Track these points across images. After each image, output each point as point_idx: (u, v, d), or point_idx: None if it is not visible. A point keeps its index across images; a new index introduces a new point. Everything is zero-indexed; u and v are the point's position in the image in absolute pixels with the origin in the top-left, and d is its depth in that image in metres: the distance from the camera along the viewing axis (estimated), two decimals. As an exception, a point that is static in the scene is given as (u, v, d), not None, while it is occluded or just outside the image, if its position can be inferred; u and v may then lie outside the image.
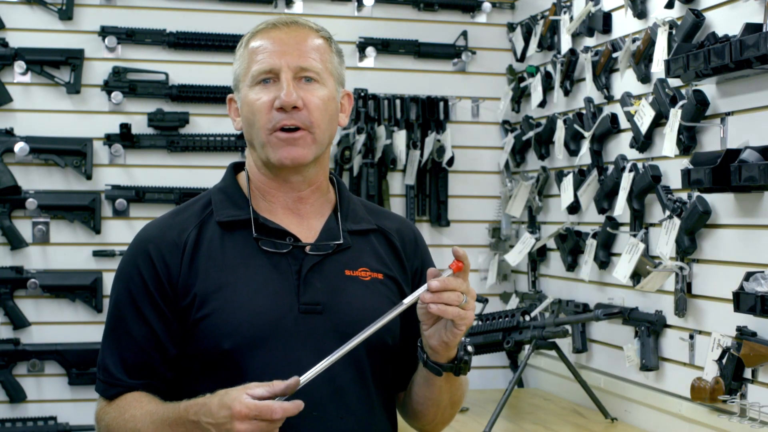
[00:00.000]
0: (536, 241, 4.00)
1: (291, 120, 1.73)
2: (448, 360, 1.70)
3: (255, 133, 1.76)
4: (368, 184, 4.23)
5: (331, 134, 1.80)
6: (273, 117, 1.73)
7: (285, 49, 1.75)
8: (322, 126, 1.76)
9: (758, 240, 2.68)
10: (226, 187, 1.85)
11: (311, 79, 1.76)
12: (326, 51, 1.80)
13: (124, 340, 1.75)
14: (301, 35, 1.78)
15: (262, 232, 1.77)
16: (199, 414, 1.60)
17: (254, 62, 1.77)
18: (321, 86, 1.77)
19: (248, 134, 1.79)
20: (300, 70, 1.75)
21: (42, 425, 3.93)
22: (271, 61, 1.75)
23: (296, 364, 1.69)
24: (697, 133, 2.94)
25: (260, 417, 1.53)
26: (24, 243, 3.94)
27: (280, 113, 1.73)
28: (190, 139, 4.11)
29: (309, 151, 1.75)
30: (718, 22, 2.83)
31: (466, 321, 1.63)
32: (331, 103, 1.78)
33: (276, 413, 1.53)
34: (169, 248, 1.75)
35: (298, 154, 1.74)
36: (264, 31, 1.80)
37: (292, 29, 1.79)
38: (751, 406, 2.61)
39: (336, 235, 1.81)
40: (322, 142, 1.77)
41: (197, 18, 4.17)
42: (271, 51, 1.76)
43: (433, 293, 1.60)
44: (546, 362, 3.99)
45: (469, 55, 4.41)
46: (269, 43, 1.77)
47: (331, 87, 1.79)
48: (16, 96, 3.99)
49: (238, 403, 1.54)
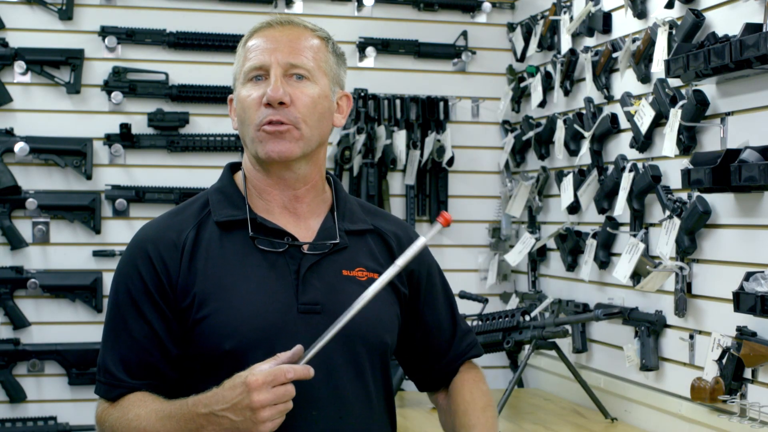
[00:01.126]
0: (536, 241, 4.00)
1: (276, 116, 1.73)
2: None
3: (246, 129, 1.77)
4: (368, 184, 4.23)
5: (321, 133, 1.79)
6: (261, 113, 1.74)
7: (276, 47, 1.76)
8: (309, 123, 1.75)
9: (758, 240, 2.68)
10: (223, 187, 1.85)
11: (302, 76, 1.76)
12: (321, 50, 1.80)
13: (124, 341, 1.74)
14: (294, 33, 1.79)
15: (259, 232, 1.77)
16: (211, 405, 1.59)
17: (247, 60, 1.78)
18: (312, 84, 1.77)
19: (241, 131, 1.80)
20: (290, 66, 1.75)
21: (42, 425, 3.93)
22: (262, 58, 1.75)
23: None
24: (697, 133, 2.94)
25: (275, 382, 1.54)
26: (24, 243, 3.94)
27: (267, 109, 1.73)
28: (190, 139, 4.11)
29: (296, 146, 1.74)
30: (718, 22, 2.83)
31: None
32: (322, 101, 1.78)
33: (288, 373, 1.54)
34: (167, 248, 1.75)
35: (284, 147, 1.73)
36: (260, 30, 1.81)
37: (287, 28, 1.79)
38: (751, 406, 2.61)
39: (333, 235, 1.81)
40: (310, 138, 1.76)
41: (197, 18, 4.17)
42: (263, 48, 1.76)
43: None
44: (546, 362, 3.99)
45: (469, 55, 4.41)
46: (263, 41, 1.78)
47: (323, 85, 1.78)
48: (16, 96, 3.99)
49: (250, 376, 1.55)
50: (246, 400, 1.54)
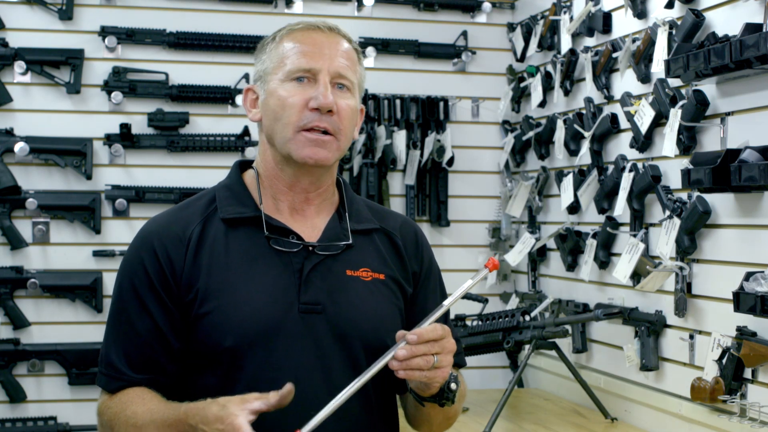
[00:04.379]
0: (536, 241, 4.00)
1: (323, 123, 1.74)
2: (431, 395, 1.71)
3: (280, 128, 1.76)
4: (368, 184, 4.23)
5: (350, 144, 1.84)
6: (305, 116, 1.74)
7: (325, 53, 1.77)
8: (347, 134, 1.79)
9: (758, 240, 2.68)
10: (231, 185, 1.85)
11: (344, 86, 1.78)
12: (357, 63, 1.83)
13: (127, 334, 1.75)
14: (341, 43, 1.80)
15: (269, 231, 1.77)
16: (197, 419, 1.60)
17: (289, 59, 1.77)
18: (351, 95, 1.79)
19: (270, 128, 1.79)
20: (337, 76, 1.77)
21: (42, 425, 3.93)
22: (311, 61, 1.76)
23: (295, 363, 1.70)
24: (697, 133, 2.94)
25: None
26: (24, 243, 3.94)
27: (313, 113, 1.74)
28: (190, 139, 4.11)
29: (332, 156, 1.77)
30: (718, 22, 2.83)
31: (437, 379, 1.64)
32: (356, 114, 1.82)
33: None
34: (173, 242, 1.76)
35: (322, 156, 1.75)
36: (304, 31, 1.80)
37: (333, 35, 1.81)
38: (751, 406, 2.61)
39: (339, 235, 1.81)
40: (343, 149, 1.80)
41: (197, 18, 4.17)
42: (312, 52, 1.77)
43: (401, 361, 1.60)
44: (546, 362, 3.99)
45: (469, 55, 4.41)
46: (310, 43, 1.78)
47: (357, 98, 1.82)
48: (16, 96, 3.99)
49: (234, 420, 1.54)
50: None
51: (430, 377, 1.63)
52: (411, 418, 1.90)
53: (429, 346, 1.61)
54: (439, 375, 1.64)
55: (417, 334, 1.61)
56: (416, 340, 1.60)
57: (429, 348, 1.61)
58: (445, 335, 1.64)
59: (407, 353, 1.60)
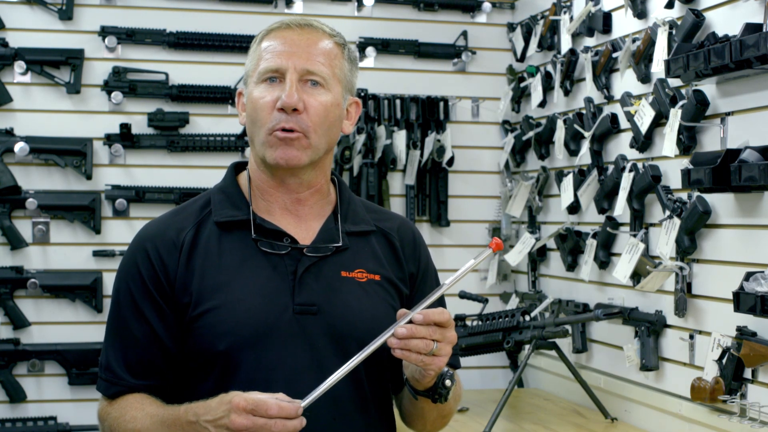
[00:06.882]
0: (536, 241, 4.00)
1: (289, 123, 1.72)
2: (426, 388, 1.70)
3: (256, 130, 1.77)
4: (368, 184, 4.23)
5: (329, 140, 1.79)
6: (274, 117, 1.73)
7: (294, 50, 1.75)
8: (319, 131, 1.75)
9: (758, 240, 2.68)
10: (225, 187, 1.85)
11: (316, 83, 1.75)
12: (337, 56, 1.80)
13: (126, 339, 1.76)
14: (312, 38, 1.78)
15: (259, 233, 1.77)
16: (198, 414, 1.61)
17: (263, 60, 1.77)
18: (326, 91, 1.76)
19: (250, 131, 1.79)
20: (306, 72, 1.75)
21: (42, 425, 3.93)
22: (279, 61, 1.75)
23: (290, 364, 1.70)
24: (697, 133, 2.94)
25: (256, 411, 1.54)
26: (24, 243, 3.94)
27: (280, 114, 1.73)
28: (190, 139, 4.11)
29: (303, 154, 1.74)
30: (718, 22, 2.83)
31: (432, 367, 1.63)
32: (333, 109, 1.78)
33: (271, 409, 1.54)
34: (166, 247, 1.76)
35: (292, 155, 1.73)
36: (277, 30, 1.79)
37: (305, 31, 1.78)
38: (751, 406, 2.61)
39: (334, 237, 1.81)
40: (318, 147, 1.76)
41: (197, 18, 4.17)
42: (280, 51, 1.76)
43: (400, 339, 1.59)
44: (546, 362, 3.99)
45: (469, 55, 4.41)
46: (280, 43, 1.77)
47: (336, 93, 1.78)
48: (16, 96, 3.99)
49: (237, 397, 1.56)
50: (226, 418, 1.56)
51: (427, 363, 1.61)
52: (406, 414, 1.90)
53: (431, 330, 1.60)
54: (436, 363, 1.62)
55: (423, 314, 1.59)
56: (422, 320, 1.59)
57: (431, 333, 1.60)
58: (449, 324, 1.63)
59: (407, 332, 1.58)
